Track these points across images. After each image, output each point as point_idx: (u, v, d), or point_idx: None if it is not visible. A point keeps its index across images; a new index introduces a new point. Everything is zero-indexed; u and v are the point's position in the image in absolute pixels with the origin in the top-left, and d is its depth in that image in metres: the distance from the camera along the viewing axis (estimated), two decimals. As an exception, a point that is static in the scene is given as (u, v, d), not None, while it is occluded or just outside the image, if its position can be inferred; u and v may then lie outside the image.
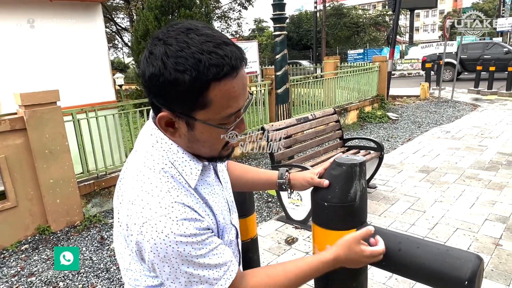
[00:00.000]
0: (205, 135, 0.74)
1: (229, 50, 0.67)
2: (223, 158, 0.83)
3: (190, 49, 0.65)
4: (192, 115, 0.70)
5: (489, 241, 2.86)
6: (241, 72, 0.70)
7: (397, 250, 0.99)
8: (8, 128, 3.17)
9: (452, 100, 9.85)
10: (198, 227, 0.71)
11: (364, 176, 1.09)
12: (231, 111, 0.71)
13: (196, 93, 0.66)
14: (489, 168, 4.51)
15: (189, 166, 0.77)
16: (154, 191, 0.71)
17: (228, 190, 0.94)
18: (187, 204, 0.72)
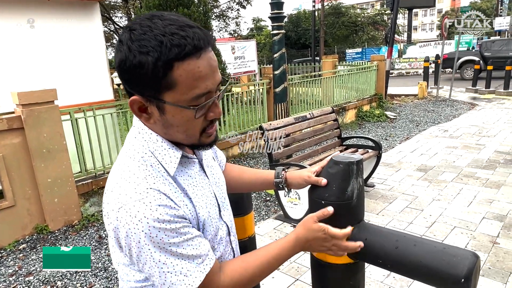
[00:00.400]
0: (176, 118, 0.73)
1: (192, 31, 0.69)
2: (205, 146, 0.82)
3: (153, 32, 0.67)
4: (160, 98, 0.71)
5: (486, 240, 2.87)
6: (207, 53, 0.70)
7: (394, 248, 1.00)
8: (6, 127, 3.16)
9: (450, 99, 9.88)
10: (172, 215, 0.71)
11: (362, 174, 1.09)
12: (198, 92, 0.70)
13: (160, 74, 0.67)
14: (486, 166, 4.53)
15: (168, 155, 0.78)
16: (131, 178, 0.73)
17: (219, 186, 0.94)
18: (162, 191, 0.72)
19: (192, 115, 0.73)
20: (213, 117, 0.77)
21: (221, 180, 0.98)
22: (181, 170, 0.82)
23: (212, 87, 0.73)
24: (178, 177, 0.80)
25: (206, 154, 0.96)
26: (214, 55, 0.74)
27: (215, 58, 0.74)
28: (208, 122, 0.78)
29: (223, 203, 0.94)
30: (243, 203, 1.59)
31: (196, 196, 0.81)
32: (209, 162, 0.95)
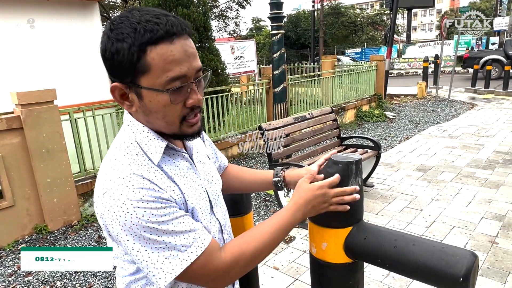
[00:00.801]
0: (153, 103, 0.74)
1: (166, 19, 0.71)
2: (187, 136, 0.82)
3: (129, 21, 0.71)
4: (137, 83, 0.73)
5: (485, 239, 2.87)
6: (182, 39, 0.72)
7: (392, 248, 1.00)
8: (5, 127, 3.16)
9: (449, 99, 9.89)
10: (157, 197, 0.71)
11: (361, 174, 1.10)
12: (172, 75, 0.71)
13: (135, 59, 0.70)
14: (485, 166, 4.54)
15: (153, 145, 0.79)
16: (115, 165, 0.75)
17: (211, 183, 0.93)
18: (146, 177, 0.73)
19: (167, 100, 0.73)
20: (192, 104, 0.76)
21: (215, 178, 0.98)
22: (168, 161, 0.82)
23: (188, 72, 0.73)
24: (164, 166, 0.80)
25: (199, 151, 0.97)
26: (192, 43, 0.76)
27: (193, 46, 0.76)
28: (188, 110, 0.77)
29: (215, 200, 0.94)
30: (243, 203, 1.59)
31: (184, 185, 0.81)
32: (202, 159, 0.95)
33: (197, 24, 5.28)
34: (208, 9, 6.08)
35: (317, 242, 1.12)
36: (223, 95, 5.33)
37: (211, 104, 5.14)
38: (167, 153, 0.83)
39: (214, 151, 1.15)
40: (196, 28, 5.24)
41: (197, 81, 0.77)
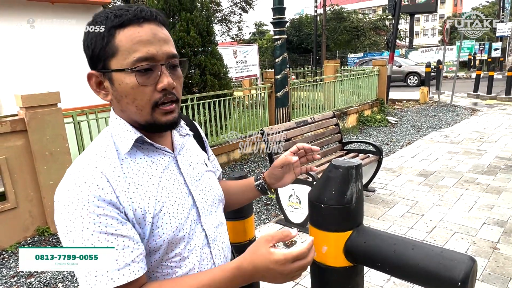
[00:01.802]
0: (122, 86, 0.73)
1: (137, 6, 0.74)
2: (161, 126, 0.77)
3: (105, 12, 0.74)
4: (107, 67, 0.74)
5: (486, 245, 2.87)
6: (152, 25, 0.74)
7: (392, 252, 1.01)
8: (9, 130, 3.19)
9: (452, 104, 9.89)
10: (99, 197, 0.67)
11: (361, 179, 1.11)
12: (139, 55, 0.71)
13: (105, 43, 0.72)
14: (487, 172, 4.53)
15: (125, 137, 0.77)
16: (78, 159, 0.75)
17: (201, 190, 0.87)
18: (101, 170, 0.71)
19: (135, 81, 0.72)
20: (162, 86, 0.73)
21: (211, 187, 0.91)
22: (141, 157, 0.78)
23: (157, 54, 0.72)
24: (132, 162, 0.76)
25: (193, 155, 0.91)
26: (166, 31, 0.77)
27: (166, 34, 0.76)
28: (160, 95, 0.74)
29: (205, 209, 0.86)
30: (244, 207, 1.60)
31: (153, 185, 0.76)
32: (194, 163, 0.89)
33: (200, 28, 5.31)
34: (211, 13, 6.13)
35: (317, 245, 1.13)
36: (225, 99, 5.36)
37: (213, 108, 5.16)
38: (144, 149, 0.80)
39: (213, 161, 1.09)
40: (199, 33, 5.28)
41: (168, 65, 0.75)
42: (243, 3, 20.73)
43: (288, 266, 0.69)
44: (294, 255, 0.69)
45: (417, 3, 23.98)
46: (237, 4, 21.13)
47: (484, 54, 22.38)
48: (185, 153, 0.89)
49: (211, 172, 0.96)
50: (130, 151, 0.77)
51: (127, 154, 0.76)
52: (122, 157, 0.76)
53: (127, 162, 0.76)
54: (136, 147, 0.79)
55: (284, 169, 1.01)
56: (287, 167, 1.02)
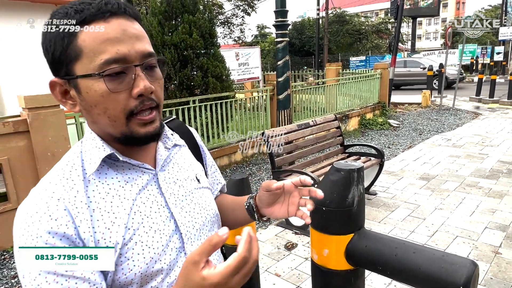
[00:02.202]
0: (90, 94, 0.63)
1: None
2: (140, 138, 0.66)
3: (64, 7, 0.64)
4: (71, 73, 0.63)
5: (488, 249, 2.86)
6: (120, 19, 0.63)
7: (393, 255, 1.01)
8: (12, 130, 3.20)
9: (454, 108, 9.87)
10: (50, 230, 0.59)
11: (362, 182, 1.11)
12: (107, 57, 0.61)
13: (65, 44, 0.62)
14: (489, 176, 4.52)
15: (94, 154, 0.67)
16: (41, 180, 0.66)
17: (188, 212, 0.75)
18: (58, 197, 0.61)
19: (104, 87, 0.61)
20: (139, 92, 0.63)
21: (201, 206, 0.79)
22: (114, 177, 0.67)
23: (129, 54, 0.62)
24: (101, 184, 0.66)
25: (182, 169, 0.79)
26: (139, 26, 0.66)
27: (139, 29, 0.66)
28: (136, 103, 0.63)
29: (191, 234, 0.74)
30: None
31: (123, 211, 0.65)
32: (178, 177, 0.77)
33: (203, 30, 5.33)
34: (213, 16, 6.15)
35: (319, 248, 1.13)
36: (227, 101, 5.37)
37: (215, 110, 5.17)
38: (118, 166, 0.69)
39: (214, 172, 0.97)
40: (201, 35, 5.30)
41: (144, 66, 0.64)
42: (246, 5, 20.80)
43: (231, 281, 0.55)
44: (232, 267, 0.54)
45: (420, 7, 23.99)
46: (239, 7, 21.19)
47: (487, 58, 22.35)
48: (171, 169, 0.77)
49: (205, 188, 0.84)
50: (100, 169, 0.67)
51: (95, 175, 0.66)
52: (89, 178, 0.65)
53: (94, 184, 0.65)
54: (108, 165, 0.68)
55: (271, 196, 0.80)
56: (281, 197, 0.80)
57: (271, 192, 0.78)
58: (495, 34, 39.39)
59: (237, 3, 20.48)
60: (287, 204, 0.80)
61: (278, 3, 3.98)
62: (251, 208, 0.86)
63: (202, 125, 5.03)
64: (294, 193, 0.78)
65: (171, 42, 5.10)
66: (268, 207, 0.82)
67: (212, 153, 5.02)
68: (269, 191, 0.77)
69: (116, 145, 0.68)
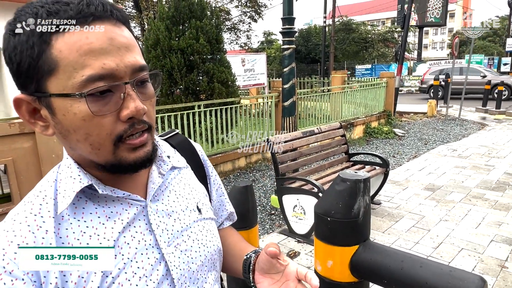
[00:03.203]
0: (68, 117, 0.51)
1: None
2: (129, 166, 0.56)
3: (32, 5, 0.51)
4: (43, 90, 0.51)
5: (494, 263, 2.81)
6: (107, 25, 0.51)
7: (399, 269, 0.99)
8: (17, 131, 3.21)
9: (460, 118, 9.81)
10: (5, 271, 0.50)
11: (368, 193, 1.09)
12: (90, 72, 0.49)
13: (35, 54, 0.49)
14: (495, 188, 4.46)
15: (68, 187, 0.56)
16: (9, 213, 0.57)
17: (183, 251, 0.63)
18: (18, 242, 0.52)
19: (86, 110, 0.50)
20: (128, 115, 0.52)
21: (196, 239, 0.66)
22: (93, 211, 0.57)
23: (117, 69, 0.51)
24: (76, 221, 0.56)
25: (172, 196, 0.67)
26: (128, 33, 0.55)
27: (128, 36, 0.54)
28: (125, 126, 0.53)
29: (186, 278, 0.63)
30: (249, 216, 1.59)
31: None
32: (174, 209, 0.65)
33: (210, 36, 5.36)
34: (220, 22, 6.18)
35: (323, 259, 1.11)
36: (232, 107, 5.37)
37: (220, 115, 5.17)
38: (100, 197, 0.58)
39: (220, 196, 0.84)
40: (208, 40, 5.32)
41: (135, 82, 0.53)
42: (253, 12, 20.91)
43: None
44: None
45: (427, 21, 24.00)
46: (246, 14, 21.31)
47: (493, 68, 22.26)
48: (166, 198, 0.65)
49: (208, 220, 0.72)
50: (77, 203, 0.56)
51: (70, 210, 0.56)
52: (62, 214, 0.55)
53: (68, 221, 0.55)
54: (88, 196, 0.57)
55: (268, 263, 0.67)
56: (277, 274, 0.68)
57: (268, 259, 0.65)
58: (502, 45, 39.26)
59: (245, 9, 20.61)
60: (279, 286, 0.67)
61: (286, 11, 3.98)
62: (248, 265, 0.73)
63: (207, 129, 5.02)
64: (292, 283, 0.66)
65: (178, 47, 5.13)
66: (261, 274, 0.69)
67: (216, 159, 5.02)
68: (268, 255, 0.65)
69: (97, 172, 0.58)
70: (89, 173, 0.58)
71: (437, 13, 24.67)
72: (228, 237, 0.83)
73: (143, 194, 0.63)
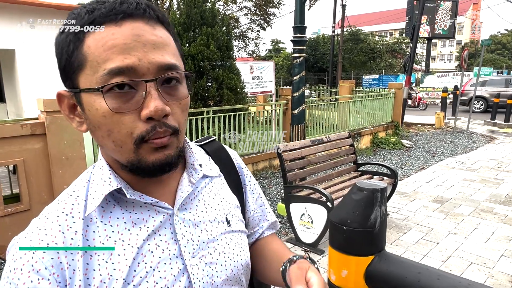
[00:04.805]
0: (92, 113, 0.52)
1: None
2: (147, 168, 0.54)
3: (79, 8, 0.54)
4: (75, 85, 0.53)
5: (505, 279, 2.76)
6: (140, 23, 0.52)
7: (416, 281, 0.97)
8: (29, 132, 3.24)
9: (468, 131, 9.74)
10: (29, 286, 0.51)
11: (385, 202, 1.08)
12: (112, 66, 0.49)
13: (71, 51, 0.52)
14: (505, 202, 4.40)
15: (98, 189, 0.57)
16: (42, 212, 0.59)
17: (208, 264, 0.62)
18: (48, 241, 0.53)
19: (105, 106, 0.50)
20: (148, 114, 0.51)
21: (222, 252, 0.64)
22: (119, 216, 0.57)
23: (139, 65, 0.50)
24: (102, 224, 0.56)
25: (200, 206, 0.65)
26: (164, 33, 0.54)
27: (161, 35, 0.53)
28: (147, 126, 0.52)
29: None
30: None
31: (124, 261, 0.55)
32: (201, 219, 0.64)
33: (220, 43, 5.40)
34: (230, 29, 6.23)
35: (337, 269, 1.09)
36: (241, 114, 5.39)
37: (228, 122, 5.18)
38: (127, 202, 0.58)
39: (261, 206, 0.81)
40: (218, 47, 5.36)
41: (160, 81, 0.52)
42: (262, 20, 21.07)
43: None
44: None
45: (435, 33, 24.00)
46: (255, 22, 21.48)
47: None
48: (195, 208, 0.64)
49: (236, 232, 0.69)
50: (105, 206, 0.56)
51: (98, 212, 0.56)
52: (91, 216, 0.56)
53: (95, 224, 0.55)
54: (116, 200, 0.58)
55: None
56: None
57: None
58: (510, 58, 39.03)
59: (254, 17, 20.78)
60: None
61: (297, 20, 4.00)
62: (284, 273, 0.68)
63: (215, 135, 5.03)
64: None
65: (188, 53, 5.17)
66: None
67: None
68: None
69: (127, 175, 0.57)
70: (119, 176, 0.58)
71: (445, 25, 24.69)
72: (268, 245, 0.80)
73: (171, 202, 0.62)
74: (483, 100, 14.38)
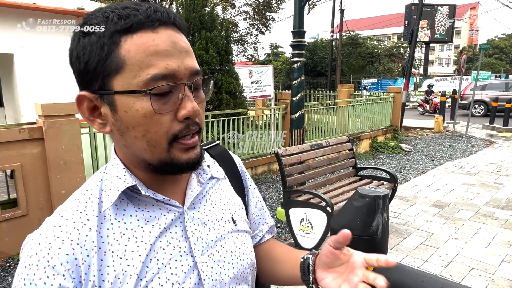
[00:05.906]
0: (130, 114, 0.54)
1: (148, 5, 0.56)
2: (181, 166, 0.58)
3: (102, 10, 0.56)
4: (108, 87, 0.55)
5: (506, 284, 2.74)
6: (170, 30, 0.56)
7: (419, 290, 0.96)
8: (27, 137, 3.22)
9: (467, 135, 9.75)
10: (45, 279, 0.52)
11: (387, 209, 1.07)
12: (155, 72, 0.53)
13: (105, 53, 0.53)
14: (505, 207, 4.39)
15: (114, 187, 0.59)
16: (56, 210, 0.61)
17: (216, 262, 0.64)
18: (63, 238, 0.55)
19: (149, 107, 0.53)
20: (185, 115, 0.55)
21: (229, 251, 0.67)
22: (133, 214, 0.59)
23: (178, 70, 0.55)
24: (116, 221, 0.58)
25: (208, 205, 0.68)
26: (186, 40, 0.59)
27: (187, 42, 0.59)
28: (181, 126, 0.56)
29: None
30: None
31: (137, 257, 0.57)
32: (209, 218, 0.67)
33: (219, 47, 5.40)
34: (229, 33, 6.24)
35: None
36: (240, 118, 5.38)
37: (227, 126, 5.17)
38: (140, 200, 0.61)
39: (260, 210, 0.84)
40: (217, 51, 5.36)
41: (192, 85, 0.57)
42: (260, 25, 21.13)
43: None
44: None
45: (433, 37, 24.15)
46: (254, 26, 21.54)
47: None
48: (203, 207, 0.67)
49: (242, 232, 0.72)
50: (119, 204, 0.59)
51: (113, 210, 0.58)
52: (105, 213, 0.58)
53: (109, 221, 0.58)
54: (129, 198, 0.60)
55: (331, 256, 0.64)
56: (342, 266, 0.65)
57: (332, 251, 0.63)
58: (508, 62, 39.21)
59: (252, 22, 20.84)
60: (343, 279, 0.63)
61: (296, 24, 4.01)
62: (307, 265, 0.69)
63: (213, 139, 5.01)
64: (358, 271, 0.62)
65: (187, 57, 5.17)
66: (324, 270, 0.66)
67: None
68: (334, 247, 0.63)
69: (142, 174, 0.61)
70: (133, 174, 0.61)
71: (442, 29, 24.83)
72: (276, 248, 0.83)
73: (181, 201, 0.64)
74: (484, 104, 14.38)
